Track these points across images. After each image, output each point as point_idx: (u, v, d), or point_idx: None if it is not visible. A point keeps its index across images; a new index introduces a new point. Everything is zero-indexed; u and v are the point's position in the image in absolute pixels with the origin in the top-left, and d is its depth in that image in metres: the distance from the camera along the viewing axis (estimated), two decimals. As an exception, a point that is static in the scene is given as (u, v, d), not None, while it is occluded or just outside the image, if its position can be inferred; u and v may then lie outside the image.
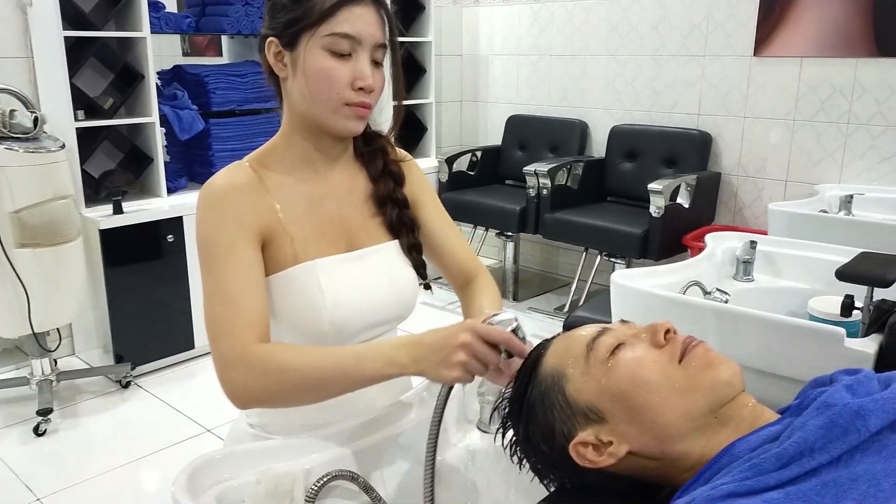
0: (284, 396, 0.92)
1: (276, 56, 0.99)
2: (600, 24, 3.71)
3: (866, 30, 2.84)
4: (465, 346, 0.82)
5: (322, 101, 0.97)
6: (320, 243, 1.03)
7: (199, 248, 0.97)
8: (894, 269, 1.37)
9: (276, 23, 0.98)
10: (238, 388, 0.90)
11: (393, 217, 1.10)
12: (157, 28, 2.95)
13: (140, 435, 2.52)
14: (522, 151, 4.03)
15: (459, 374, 0.83)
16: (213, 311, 0.93)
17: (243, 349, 0.90)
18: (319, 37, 0.95)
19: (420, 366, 0.86)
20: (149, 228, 2.83)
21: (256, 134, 3.30)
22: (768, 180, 3.25)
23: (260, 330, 0.93)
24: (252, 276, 0.95)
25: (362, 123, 1.01)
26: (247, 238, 0.96)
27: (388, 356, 0.87)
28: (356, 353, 0.90)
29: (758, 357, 1.33)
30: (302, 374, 0.89)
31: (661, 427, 0.70)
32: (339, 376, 0.89)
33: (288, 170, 1.04)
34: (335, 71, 0.95)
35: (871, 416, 0.59)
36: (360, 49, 0.96)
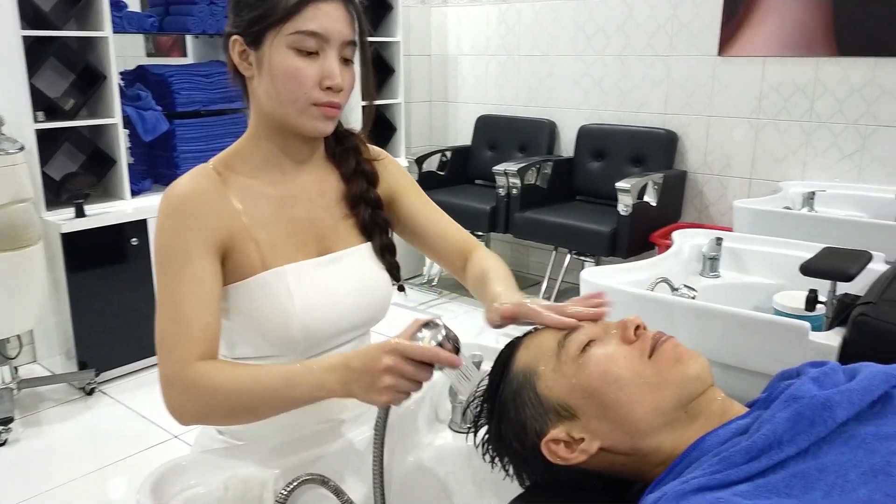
0: (219, 418, 0.93)
1: (241, 55, 0.96)
2: (567, 24, 3.73)
3: (827, 30, 2.90)
4: (389, 369, 0.79)
5: (289, 102, 0.94)
6: (289, 248, 1.01)
7: (155, 255, 0.95)
8: (856, 263, 1.40)
9: (240, 20, 0.95)
10: (176, 407, 0.90)
11: (366, 217, 1.08)
12: (120, 28, 2.89)
13: (106, 442, 2.46)
14: (492, 151, 4.04)
15: (388, 397, 0.80)
16: (160, 326, 0.92)
17: (181, 368, 0.89)
18: (285, 35, 0.92)
19: (349, 389, 0.83)
20: (112, 232, 2.77)
21: (222, 135, 3.26)
22: (733, 178, 3.30)
23: (204, 347, 0.91)
24: (203, 291, 0.92)
25: (332, 124, 0.99)
26: (205, 249, 0.93)
27: (318, 380, 0.85)
28: (286, 377, 0.87)
29: (725, 351, 1.35)
30: (233, 397, 0.88)
31: (632, 422, 0.70)
32: (270, 400, 0.87)
33: (255, 172, 1.01)
34: (302, 70, 0.92)
35: (837, 407, 0.60)
36: (328, 47, 0.93)
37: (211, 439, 1.08)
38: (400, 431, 1.04)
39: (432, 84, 4.44)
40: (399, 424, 1.04)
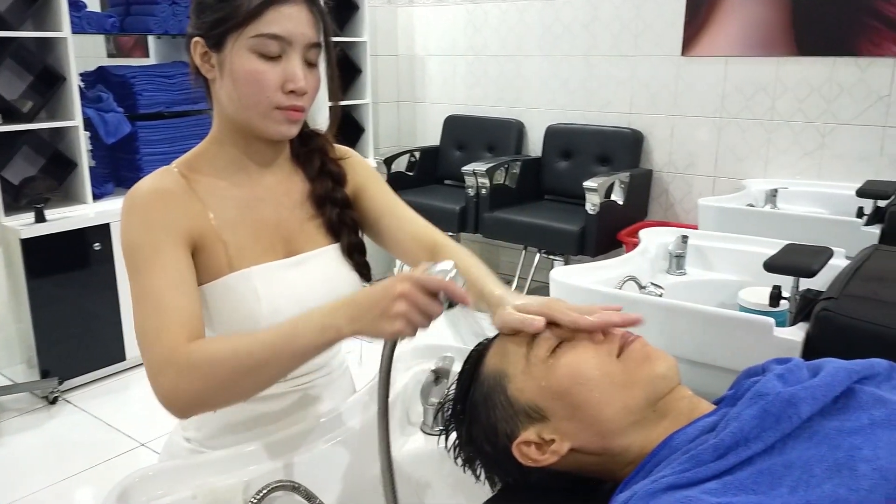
0: (219, 392, 0.85)
1: (203, 57, 0.95)
2: (534, 24, 3.75)
3: (786, 30, 2.96)
4: (403, 295, 0.76)
5: (251, 105, 0.93)
6: (256, 250, 0.99)
7: (125, 255, 0.92)
8: (818, 260, 1.43)
9: (201, 22, 0.93)
10: (170, 392, 0.84)
11: (333, 217, 1.06)
12: (79, 28, 2.83)
13: (70, 452, 2.41)
14: (460, 151, 4.04)
15: (401, 325, 0.76)
16: (141, 320, 0.89)
17: (171, 352, 0.85)
18: (246, 38, 0.90)
19: (356, 325, 0.79)
20: (74, 237, 2.71)
21: (186, 137, 3.21)
22: (697, 176, 3.35)
23: (189, 329, 0.87)
24: (179, 277, 0.91)
25: (295, 127, 0.97)
26: (175, 241, 0.92)
27: (321, 323, 0.81)
28: (286, 330, 0.83)
29: (692, 348, 1.36)
30: (233, 362, 0.83)
31: (602, 422, 0.70)
32: (272, 357, 0.83)
33: (220, 174, 1.00)
34: (264, 74, 0.91)
35: (801, 403, 0.61)
36: (291, 50, 0.92)
37: (179, 448, 1.07)
38: (371, 435, 1.03)
39: (400, 84, 4.43)
40: (369, 428, 1.03)
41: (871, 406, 0.60)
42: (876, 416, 0.59)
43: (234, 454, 0.91)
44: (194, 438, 1.06)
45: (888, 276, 1.33)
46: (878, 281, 1.31)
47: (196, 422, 1.05)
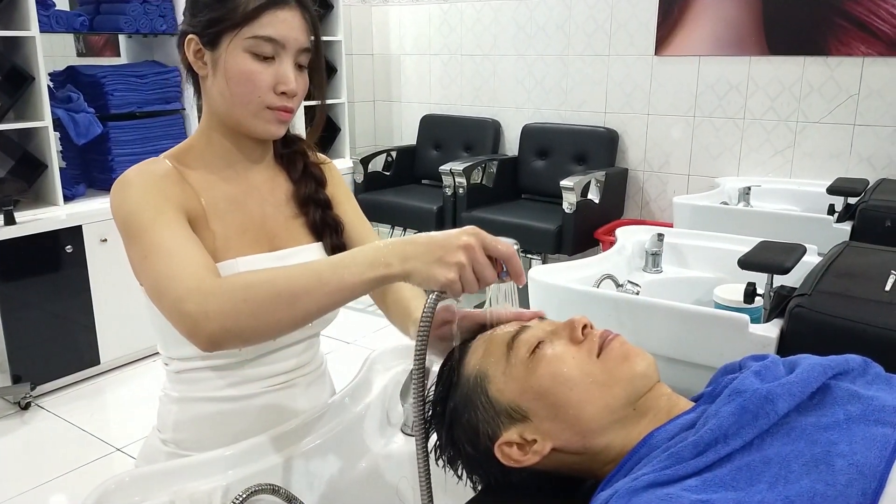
0: (252, 317, 0.79)
1: (196, 54, 0.96)
2: (508, 24, 3.76)
3: (757, 30, 3.00)
4: (468, 247, 0.73)
5: (243, 104, 0.95)
6: (242, 242, 1.00)
7: (123, 224, 0.90)
8: (792, 257, 1.45)
9: (197, 21, 0.95)
10: (199, 317, 0.78)
11: (316, 218, 1.08)
12: (47, 27, 2.78)
13: (44, 458, 2.37)
14: (437, 151, 4.04)
15: (455, 275, 0.73)
16: (153, 270, 0.85)
17: (197, 282, 0.81)
18: (242, 38, 0.92)
19: (408, 265, 0.75)
20: (45, 239, 2.66)
21: (159, 137, 3.17)
22: (672, 174, 3.39)
23: (210, 271, 0.85)
24: (186, 232, 0.90)
25: (283, 127, 1.00)
26: (175, 207, 0.92)
27: (372, 257, 0.77)
28: (333, 261, 0.79)
29: (669, 345, 1.37)
30: (271, 285, 0.78)
31: (583, 422, 0.71)
32: (315, 286, 0.77)
33: (209, 168, 1.01)
34: (257, 74, 0.93)
35: (778, 400, 0.62)
36: (284, 53, 0.94)
37: (157, 451, 1.05)
38: (351, 436, 1.03)
39: (375, 83, 4.41)
40: (350, 429, 1.03)
41: (847, 402, 0.62)
42: (851, 412, 0.60)
43: (212, 458, 0.90)
44: (172, 440, 1.05)
45: (859, 273, 1.36)
46: (849, 277, 1.33)
47: (173, 423, 1.04)
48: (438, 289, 0.75)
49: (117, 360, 2.97)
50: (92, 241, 2.79)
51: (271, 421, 1.04)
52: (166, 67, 3.22)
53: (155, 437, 1.08)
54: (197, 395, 1.03)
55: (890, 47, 2.73)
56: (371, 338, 3.20)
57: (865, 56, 2.79)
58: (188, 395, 1.03)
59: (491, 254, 0.76)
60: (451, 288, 0.74)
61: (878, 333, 1.11)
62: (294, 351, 1.07)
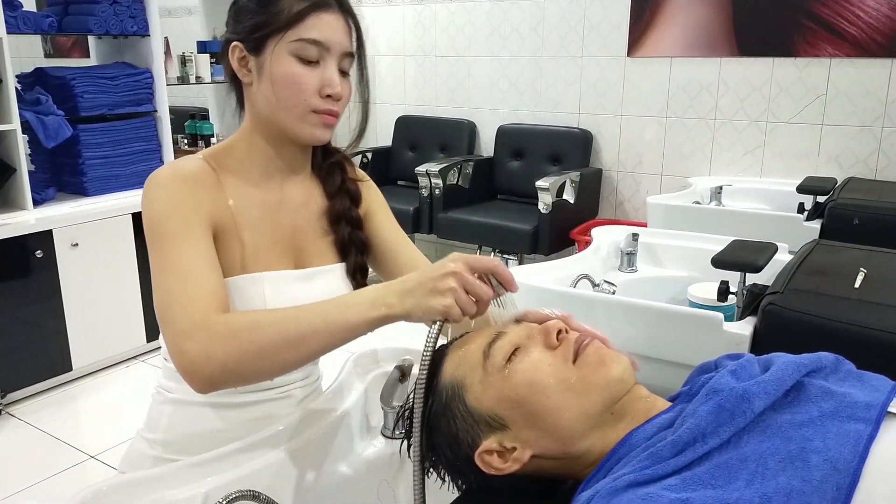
0: (256, 359, 0.80)
1: (241, 61, 0.97)
2: (482, 25, 3.77)
3: (727, 32, 3.05)
4: (454, 273, 0.77)
5: (288, 108, 0.95)
6: (270, 255, 1.00)
7: (150, 226, 0.90)
8: (764, 255, 1.47)
9: (241, 27, 0.95)
10: (200, 358, 0.79)
11: (345, 236, 1.07)
12: (14, 28, 2.73)
13: (15, 467, 2.32)
14: (413, 152, 4.04)
15: (450, 300, 0.76)
16: (165, 286, 0.85)
17: (203, 318, 0.82)
18: (287, 42, 0.93)
19: (407, 303, 0.78)
20: (14, 244, 2.61)
21: (130, 139, 3.12)
22: (645, 175, 3.42)
23: (220, 303, 0.85)
24: (209, 254, 0.90)
25: (329, 132, 0.99)
26: (202, 222, 0.91)
27: (372, 298, 0.80)
28: (336, 302, 0.82)
29: (645, 344, 1.39)
30: (277, 328, 0.80)
31: (562, 429, 0.71)
32: (320, 327, 0.80)
33: (247, 174, 1.01)
34: (303, 77, 0.93)
35: (754, 398, 0.63)
36: (329, 56, 0.95)
37: (142, 456, 1.04)
38: (331, 440, 1.03)
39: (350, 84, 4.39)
40: (330, 433, 1.03)
41: (820, 398, 0.63)
42: (825, 408, 0.62)
43: (191, 464, 0.89)
44: (160, 442, 1.03)
45: (829, 270, 1.39)
46: (820, 275, 1.36)
47: (165, 425, 1.03)
48: (439, 318, 0.78)
49: (89, 366, 2.93)
50: (63, 246, 2.74)
51: (255, 425, 1.03)
52: (137, 69, 3.18)
53: (140, 439, 1.06)
54: (195, 398, 1.01)
55: (856, 48, 2.79)
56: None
57: (832, 57, 2.85)
58: (185, 398, 1.02)
59: (478, 271, 0.78)
60: (450, 314, 0.77)
61: (848, 330, 1.14)
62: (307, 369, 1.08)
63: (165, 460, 1.01)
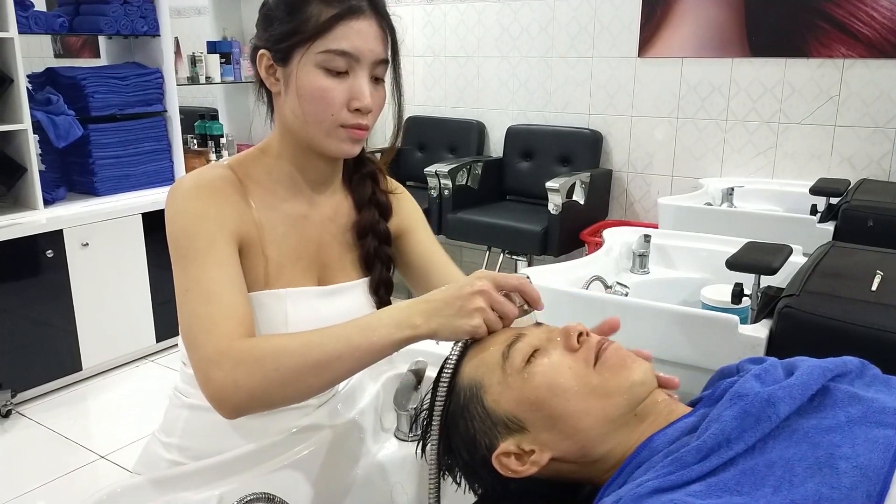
0: (282, 386, 0.79)
1: (268, 70, 0.93)
2: (492, 25, 3.76)
3: (740, 32, 3.03)
4: (482, 292, 0.76)
5: (315, 122, 0.91)
6: (294, 271, 0.98)
7: (173, 241, 0.88)
8: (779, 257, 1.46)
9: (268, 35, 0.91)
10: (227, 387, 0.79)
11: (371, 249, 1.04)
12: (26, 28, 2.74)
13: (26, 467, 2.33)
14: (422, 153, 4.04)
15: (479, 320, 0.75)
16: (190, 309, 0.84)
17: (228, 345, 0.81)
18: (314, 53, 0.88)
19: (433, 323, 0.77)
20: (25, 244, 2.62)
21: (140, 139, 3.13)
22: (656, 175, 3.40)
23: (245, 327, 0.84)
24: (234, 273, 0.88)
25: (358, 146, 0.95)
26: (228, 238, 0.89)
27: (397, 319, 0.79)
28: (360, 325, 0.81)
29: (658, 347, 1.37)
30: (302, 355, 0.79)
31: (582, 432, 0.70)
32: (345, 351, 0.79)
33: (274, 186, 0.98)
34: (330, 91, 0.89)
35: (780, 403, 0.62)
36: (358, 67, 0.90)
37: (158, 458, 1.03)
38: (345, 443, 1.02)
39: (359, 85, 4.39)
40: (343, 435, 1.02)
41: (847, 404, 0.62)
42: (853, 414, 0.60)
43: (206, 467, 0.89)
44: (176, 446, 1.02)
45: (845, 273, 1.37)
46: (836, 277, 1.35)
47: (182, 429, 1.02)
48: (466, 337, 0.78)
49: (99, 366, 2.93)
50: (73, 246, 2.75)
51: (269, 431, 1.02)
52: (147, 69, 3.19)
53: (156, 441, 1.05)
54: None
55: (870, 49, 2.77)
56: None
57: (846, 58, 2.83)
58: (203, 403, 1.01)
59: (504, 290, 0.78)
60: (477, 334, 0.77)
61: (867, 333, 1.12)
62: None
63: (181, 464, 1.00)
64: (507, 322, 0.79)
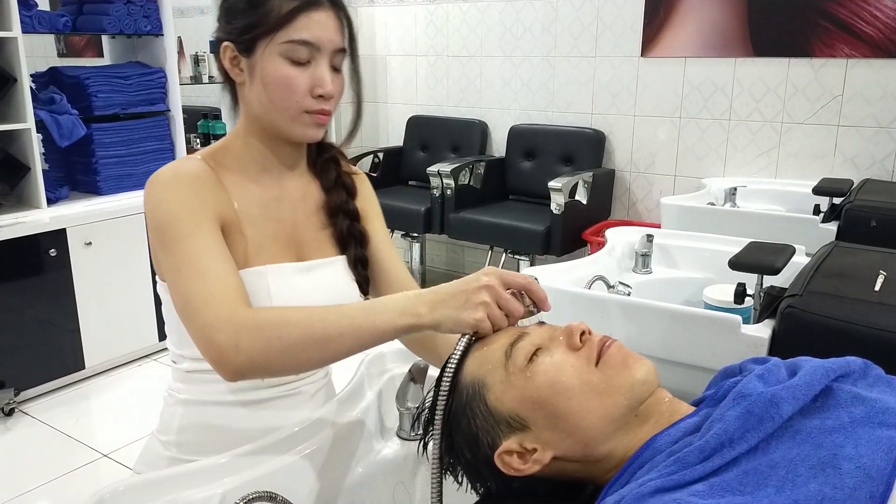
0: (282, 355, 0.81)
1: (232, 61, 0.96)
2: (495, 25, 3.76)
3: (742, 32, 3.03)
4: (488, 287, 0.77)
5: (281, 109, 0.95)
6: (273, 248, 1.01)
7: (158, 228, 0.91)
8: (782, 257, 1.46)
9: (231, 27, 0.95)
10: (229, 349, 0.80)
11: (343, 228, 1.08)
12: (30, 28, 2.74)
13: (28, 465, 2.33)
14: (424, 152, 4.04)
15: (482, 314, 0.76)
16: (185, 287, 0.86)
17: (230, 313, 0.83)
18: (277, 43, 0.92)
19: (437, 314, 0.78)
20: (28, 243, 2.63)
21: (143, 139, 3.14)
22: (658, 175, 3.40)
23: (242, 299, 0.86)
24: (223, 249, 0.91)
25: (322, 130, 1.00)
26: (211, 220, 0.92)
27: (402, 306, 0.80)
28: (365, 306, 0.83)
29: (661, 347, 1.38)
30: (306, 327, 0.81)
31: (584, 431, 0.70)
32: (347, 329, 0.80)
33: (244, 171, 1.01)
34: (294, 79, 0.93)
35: (783, 403, 0.62)
36: (319, 56, 0.94)
37: (157, 456, 1.04)
38: (347, 442, 1.02)
39: (362, 85, 4.39)
40: (346, 434, 1.02)
41: (850, 404, 0.62)
42: (856, 414, 0.60)
43: (208, 465, 0.89)
44: (174, 443, 1.03)
45: (848, 273, 1.37)
46: (839, 277, 1.34)
47: (178, 426, 1.03)
48: (468, 331, 0.79)
49: (102, 364, 2.94)
50: (76, 245, 2.76)
51: (275, 428, 1.03)
52: (150, 68, 3.19)
53: (155, 440, 1.06)
54: (204, 397, 1.02)
55: (873, 49, 2.76)
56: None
57: (849, 58, 2.82)
58: (195, 398, 1.02)
59: (511, 287, 0.79)
60: (480, 328, 0.77)
61: (870, 334, 1.12)
62: None
63: (181, 461, 1.01)
64: (513, 320, 0.79)
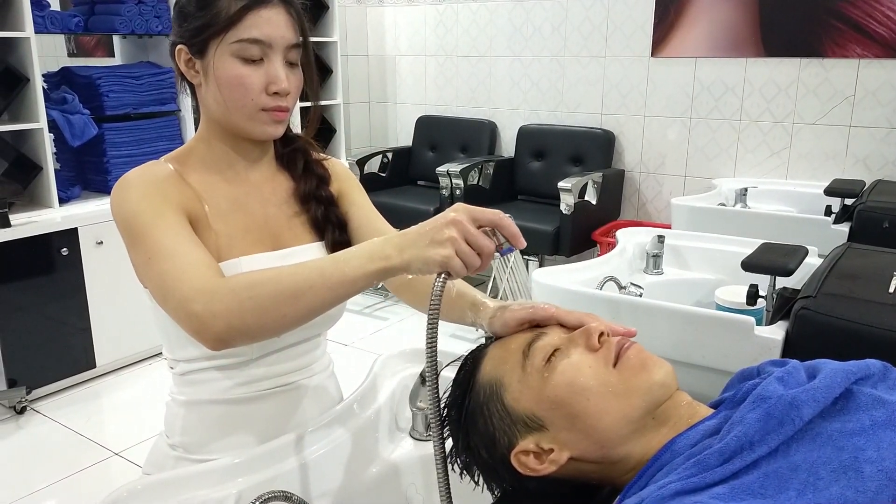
0: (257, 315, 0.81)
1: (187, 63, 0.96)
2: (504, 25, 3.76)
3: (754, 32, 3.02)
4: (455, 222, 0.75)
5: (237, 109, 0.95)
6: (246, 241, 1.00)
7: (125, 226, 0.91)
8: (795, 259, 1.45)
9: (183, 30, 0.95)
10: (205, 317, 0.80)
11: (318, 215, 1.07)
12: (42, 28, 2.76)
13: (40, 463, 2.35)
14: (433, 152, 4.04)
15: (450, 250, 0.73)
16: (157, 271, 0.86)
17: (202, 283, 0.83)
18: (228, 44, 0.92)
19: (406, 254, 0.76)
20: (40, 242, 2.64)
21: (154, 139, 3.15)
22: (668, 176, 3.39)
23: (214, 271, 0.87)
24: (189, 233, 0.91)
25: (281, 127, 0.99)
26: (176, 210, 0.92)
27: (370, 251, 0.79)
28: (334, 257, 0.82)
29: (673, 348, 1.37)
30: (276, 283, 0.81)
31: (601, 432, 0.70)
32: (318, 280, 0.79)
33: (209, 170, 1.01)
34: (247, 78, 0.93)
35: (803, 406, 0.62)
36: (272, 53, 0.94)
37: (165, 457, 1.04)
38: (360, 442, 1.03)
39: (371, 84, 4.40)
40: (359, 434, 1.02)
41: (871, 407, 0.61)
42: (877, 417, 0.60)
43: (224, 465, 0.90)
44: (179, 444, 1.04)
45: (862, 275, 1.36)
46: (852, 279, 1.34)
47: (181, 427, 1.04)
48: (438, 269, 0.76)
49: (113, 363, 2.95)
50: (87, 244, 2.77)
51: (278, 424, 1.04)
52: (161, 68, 3.20)
53: (162, 442, 1.07)
54: (203, 397, 1.02)
55: (885, 49, 2.75)
56: (369, 340, 3.20)
57: (861, 58, 2.81)
58: (195, 398, 1.03)
59: (481, 223, 0.76)
60: (450, 265, 0.74)
61: (884, 335, 1.12)
62: (299, 350, 1.06)
63: (188, 461, 1.01)
64: (484, 257, 0.76)
